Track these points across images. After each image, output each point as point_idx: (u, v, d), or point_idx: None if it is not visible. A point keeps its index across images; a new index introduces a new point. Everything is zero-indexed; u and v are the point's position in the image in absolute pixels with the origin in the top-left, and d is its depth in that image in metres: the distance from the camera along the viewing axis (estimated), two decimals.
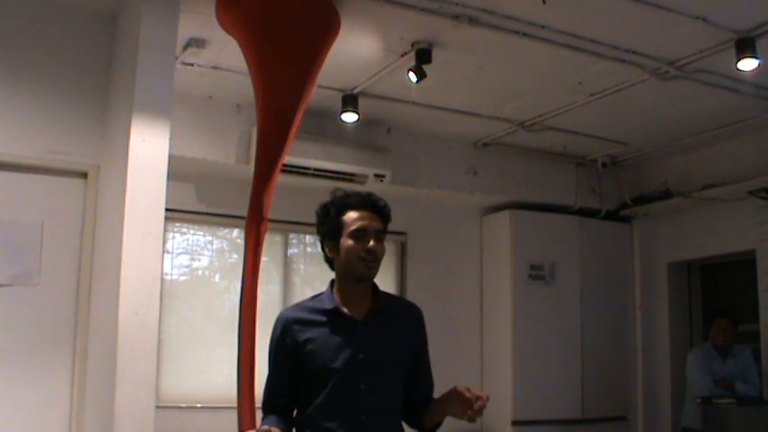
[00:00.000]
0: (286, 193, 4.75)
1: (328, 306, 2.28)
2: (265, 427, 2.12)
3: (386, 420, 2.26)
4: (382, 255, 2.29)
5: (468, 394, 2.09)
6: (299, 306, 2.36)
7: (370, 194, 2.34)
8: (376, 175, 5.42)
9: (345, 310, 2.27)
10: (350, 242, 2.25)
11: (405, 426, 2.35)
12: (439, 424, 2.33)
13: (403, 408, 2.32)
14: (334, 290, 2.32)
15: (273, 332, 2.31)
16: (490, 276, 6.31)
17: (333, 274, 2.34)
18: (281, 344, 2.27)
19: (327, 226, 2.30)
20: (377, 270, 2.30)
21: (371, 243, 2.25)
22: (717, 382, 5.18)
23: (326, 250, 2.32)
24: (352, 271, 2.26)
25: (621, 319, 6.52)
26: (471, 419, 2.10)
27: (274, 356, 2.31)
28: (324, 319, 2.26)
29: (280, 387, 2.29)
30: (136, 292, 3.26)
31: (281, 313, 2.34)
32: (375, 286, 2.35)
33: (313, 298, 2.36)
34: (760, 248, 5.63)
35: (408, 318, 2.39)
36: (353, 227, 2.26)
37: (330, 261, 2.34)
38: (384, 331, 2.28)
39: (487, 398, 2.09)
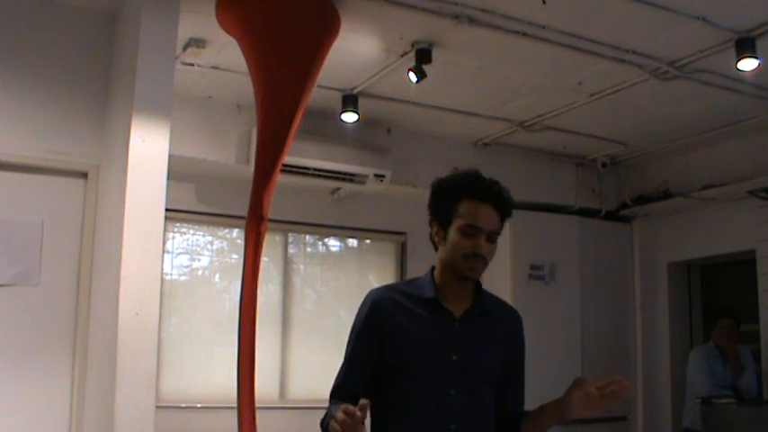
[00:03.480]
0: (286, 193, 4.75)
1: (428, 294, 2.03)
2: (363, 401, 1.72)
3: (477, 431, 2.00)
4: (491, 257, 2.04)
5: (601, 382, 1.90)
6: (393, 287, 2.12)
7: (494, 184, 2.03)
8: (376, 175, 5.41)
9: (444, 303, 2.03)
10: (458, 237, 1.99)
11: None
12: None
13: (495, 421, 2.08)
14: (435, 279, 2.07)
15: (360, 310, 2.06)
16: (490, 276, 6.21)
17: (332, 275, 2.27)
18: (367, 322, 2.01)
19: (440, 208, 2.05)
20: (481, 273, 2.05)
21: (481, 244, 1.99)
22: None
23: (433, 231, 2.07)
24: (455, 268, 2.02)
25: (621, 319, 6.52)
26: (616, 410, 1.92)
27: (356, 336, 2.04)
28: (419, 308, 2.02)
29: (356, 373, 2.01)
30: (136, 292, 3.26)
31: (372, 290, 2.08)
32: (478, 283, 2.11)
33: (408, 282, 2.15)
34: (760, 248, 5.62)
35: (509, 323, 2.18)
36: (466, 221, 1.99)
37: (434, 242, 2.09)
38: (482, 334, 2.05)
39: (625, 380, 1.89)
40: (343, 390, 2.00)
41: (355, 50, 4.32)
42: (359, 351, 2.04)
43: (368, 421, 1.92)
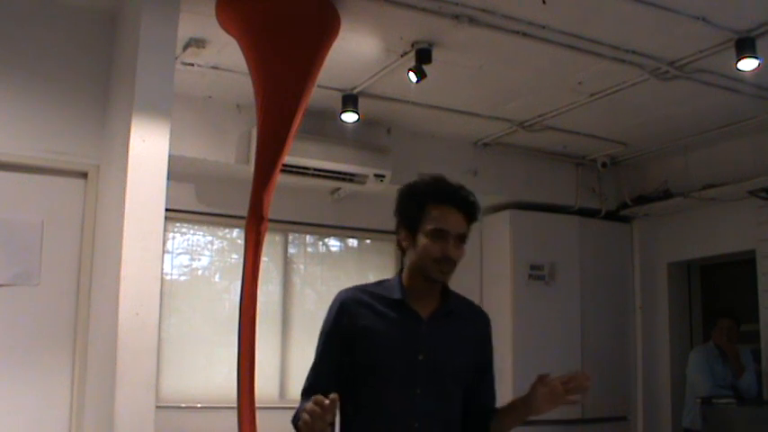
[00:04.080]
0: (286, 193, 4.75)
1: (395, 296, 2.07)
2: (333, 395, 1.78)
3: (441, 430, 2.04)
4: (459, 260, 2.07)
5: (563, 377, 1.96)
6: (361, 288, 2.13)
7: (460, 189, 2.08)
8: (376, 175, 5.41)
9: (412, 304, 2.07)
10: (426, 241, 2.02)
11: None
12: None
13: (463, 422, 2.10)
14: (403, 281, 2.10)
15: (329, 312, 2.10)
16: (490, 276, 6.31)
17: (332, 275, 2.28)
18: (335, 325, 2.06)
19: (407, 212, 2.08)
20: (451, 275, 2.08)
21: (450, 247, 2.03)
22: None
23: (400, 236, 2.10)
24: (424, 272, 2.05)
25: (621, 319, 6.52)
26: (575, 401, 1.97)
27: (325, 338, 2.09)
28: (387, 309, 2.05)
29: (326, 373, 2.06)
30: (136, 292, 3.26)
31: (340, 292, 2.12)
32: (445, 285, 2.13)
33: (376, 283, 2.16)
34: (760, 248, 5.62)
35: (476, 323, 2.21)
36: (434, 226, 2.02)
37: (402, 247, 2.12)
38: (449, 334, 2.08)
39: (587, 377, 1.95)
40: (313, 391, 2.01)
41: (355, 50, 4.32)
42: (328, 352, 2.09)
43: (338, 420, 2.01)
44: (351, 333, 2.04)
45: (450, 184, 2.10)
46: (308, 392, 2.03)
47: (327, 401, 1.75)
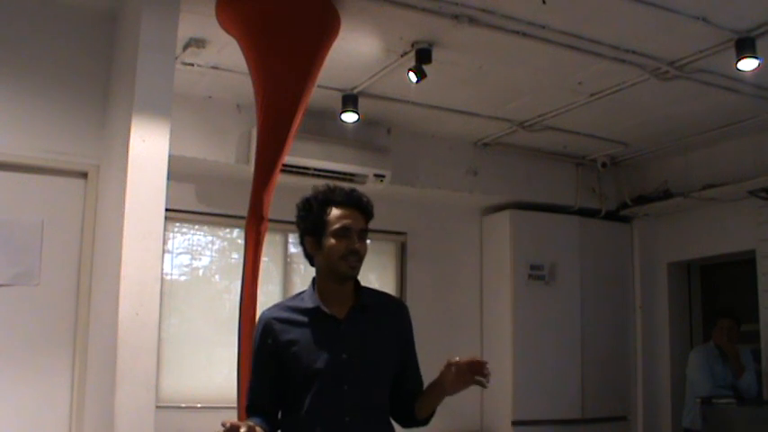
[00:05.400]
0: (286, 193, 4.71)
1: (309, 305, 2.23)
2: (250, 422, 2.01)
3: (371, 420, 2.20)
4: (365, 254, 2.23)
5: (464, 361, 2.09)
6: (279, 306, 2.31)
7: (353, 191, 2.27)
8: (376, 175, 5.41)
9: (326, 309, 2.21)
10: (332, 241, 2.19)
11: (396, 425, 2.31)
12: (433, 413, 2.28)
13: (392, 406, 2.27)
14: (316, 288, 2.27)
15: (255, 332, 2.28)
16: (490, 276, 6.31)
17: None
18: (262, 345, 2.23)
19: (309, 222, 2.24)
20: (359, 269, 2.23)
21: (355, 242, 2.19)
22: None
23: (306, 246, 2.27)
24: (335, 270, 2.21)
25: (621, 319, 6.52)
26: (483, 383, 2.08)
27: (256, 357, 2.26)
28: (305, 318, 2.21)
29: (262, 389, 2.24)
30: (136, 292, 3.26)
31: (262, 313, 2.29)
32: (357, 283, 2.28)
33: (294, 297, 2.33)
34: (760, 248, 5.63)
35: (393, 314, 2.34)
36: (337, 225, 2.19)
37: (310, 257, 2.29)
38: (367, 329, 2.22)
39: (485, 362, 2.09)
40: (253, 408, 2.23)
41: (355, 50, 4.32)
42: (260, 369, 2.26)
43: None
44: (277, 350, 2.19)
45: (344, 187, 2.27)
46: (249, 409, 2.25)
47: (243, 429, 1.92)
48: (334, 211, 2.21)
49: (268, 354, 2.21)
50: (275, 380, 2.21)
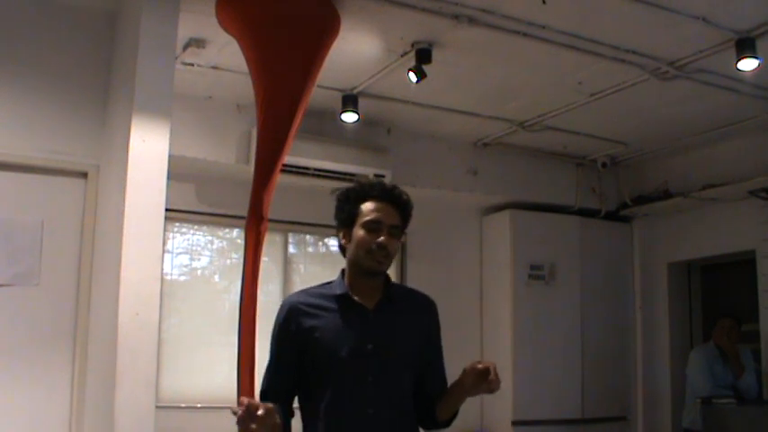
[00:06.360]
0: (286, 193, 4.75)
1: (338, 291, 2.19)
2: (269, 404, 1.93)
3: (395, 415, 2.15)
4: (394, 251, 2.17)
5: (481, 366, 2.06)
6: (306, 291, 2.26)
7: (394, 187, 2.22)
8: (376, 176, 5.41)
9: (356, 297, 2.18)
10: (362, 233, 2.15)
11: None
12: (455, 414, 2.25)
13: (415, 404, 2.22)
14: (345, 279, 2.22)
15: (277, 317, 2.22)
16: (490, 276, 6.31)
17: (332, 275, 2.29)
18: (284, 329, 2.17)
19: (344, 213, 2.20)
20: (387, 266, 2.18)
21: (383, 237, 2.14)
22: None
23: (340, 237, 2.22)
24: (361, 264, 2.16)
25: (621, 319, 6.52)
26: (492, 390, 2.06)
27: (277, 343, 2.20)
28: (332, 305, 2.17)
29: (279, 375, 2.18)
30: (136, 292, 3.26)
31: (286, 297, 2.27)
32: (388, 278, 2.24)
33: (322, 285, 2.27)
34: (760, 248, 5.62)
35: (421, 310, 2.30)
36: (368, 218, 2.15)
37: (343, 249, 2.24)
38: (395, 322, 2.19)
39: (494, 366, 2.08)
40: (269, 393, 2.16)
41: (355, 50, 4.32)
42: (280, 356, 2.20)
43: (300, 416, 2.18)
44: (300, 336, 2.14)
45: (384, 183, 2.26)
46: (265, 394, 2.17)
47: (261, 411, 1.87)
48: (368, 204, 2.17)
49: (289, 339, 2.16)
50: (294, 366, 2.15)
